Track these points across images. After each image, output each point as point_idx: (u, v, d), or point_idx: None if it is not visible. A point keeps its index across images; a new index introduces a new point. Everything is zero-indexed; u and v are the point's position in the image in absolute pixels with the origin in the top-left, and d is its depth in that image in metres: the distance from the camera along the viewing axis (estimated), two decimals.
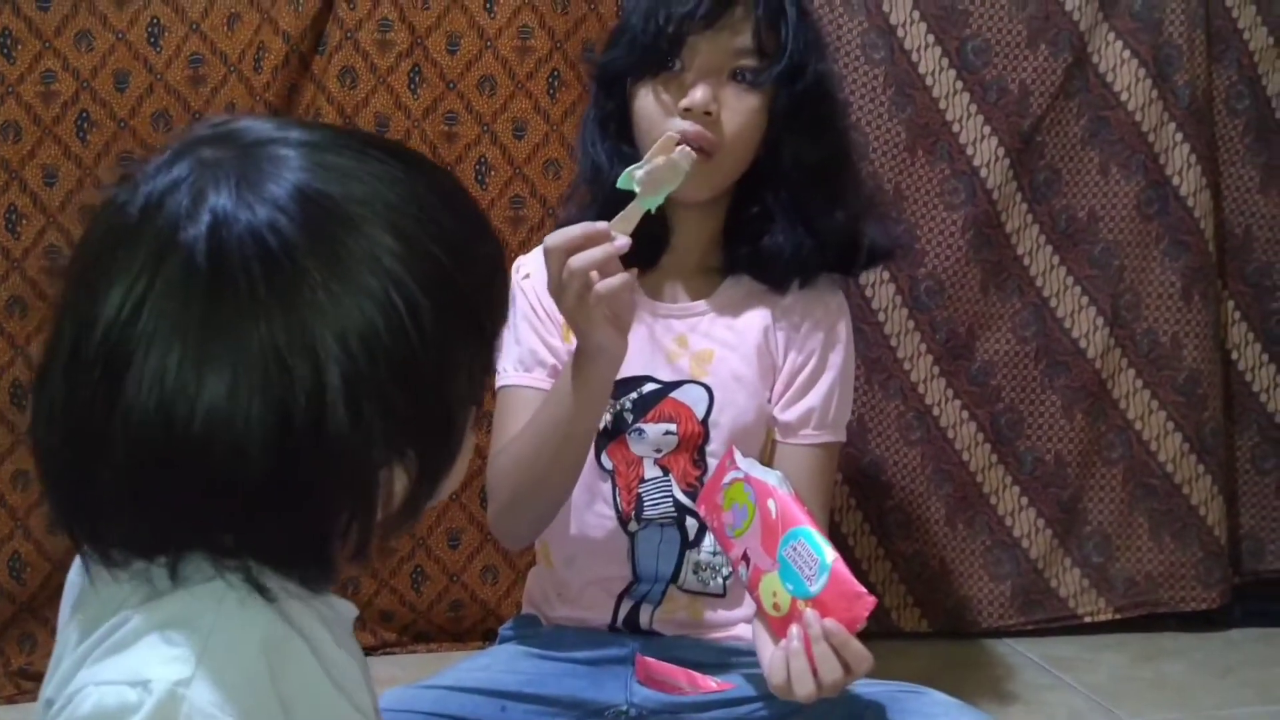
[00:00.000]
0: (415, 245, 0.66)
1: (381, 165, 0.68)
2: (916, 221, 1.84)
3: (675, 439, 1.26)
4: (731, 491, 1.12)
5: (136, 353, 0.61)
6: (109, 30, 1.70)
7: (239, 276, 0.62)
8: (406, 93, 1.77)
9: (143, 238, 0.63)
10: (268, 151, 0.66)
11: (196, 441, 0.61)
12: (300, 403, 0.62)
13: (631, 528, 1.27)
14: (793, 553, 1.04)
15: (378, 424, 0.64)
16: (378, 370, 0.63)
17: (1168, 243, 1.86)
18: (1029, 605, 1.90)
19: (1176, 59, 1.83)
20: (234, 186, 0.64)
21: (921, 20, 1.81)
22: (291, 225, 0.63)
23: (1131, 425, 1.89)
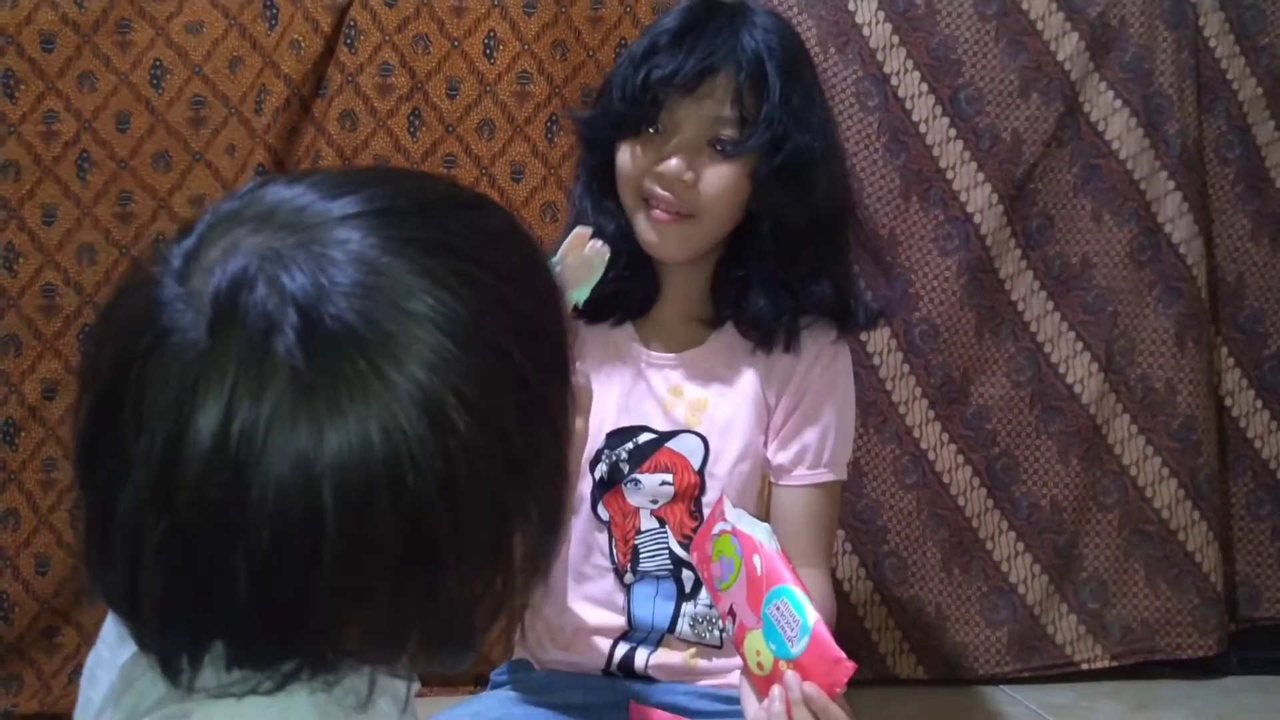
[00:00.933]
0: (507, 301, 0.61)
1: (470, 214, 0.64)
2: (911, 267, 1.85)
3: (672, 489, 1.25)
4: (720, 544, 1.11)
5: (254, 477, 0.55)
6: (112, 72, 1.72)
7: (345, 371, 0.56)
8: (406, 136, 1.79)
9: (228, 355, 0.56)
10: (330, 235, 0.59)
11: (329, 551, 0.55)
12: (425, 484, 0.56)
13: (627, 579, 1.26)
14: (776, 612, 1.04)
15: (513, 500, 0.60)
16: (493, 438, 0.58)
17: (1161, 289, 1.87)
18: (1025, 652, 1.89)
19: (1167, 109, 1.85)
20: (308, 274, 0.57)
21: (915, 69, 1.83)
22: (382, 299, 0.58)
23: (1126, 471, 1.89)
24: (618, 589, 1.27)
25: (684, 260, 1.25)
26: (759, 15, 1.23)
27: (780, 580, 1.04)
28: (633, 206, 1.23)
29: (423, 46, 1.77)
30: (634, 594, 1.27)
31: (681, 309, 1.29)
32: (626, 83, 1.19)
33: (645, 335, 1.30)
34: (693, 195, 1.20)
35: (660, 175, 1.19)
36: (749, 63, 1.17)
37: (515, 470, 0.60)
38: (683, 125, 1.19)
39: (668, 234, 1.21)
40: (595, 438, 1.26)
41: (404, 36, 1.76)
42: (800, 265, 1.24)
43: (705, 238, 1.24)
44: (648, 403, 1.27)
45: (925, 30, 1.82)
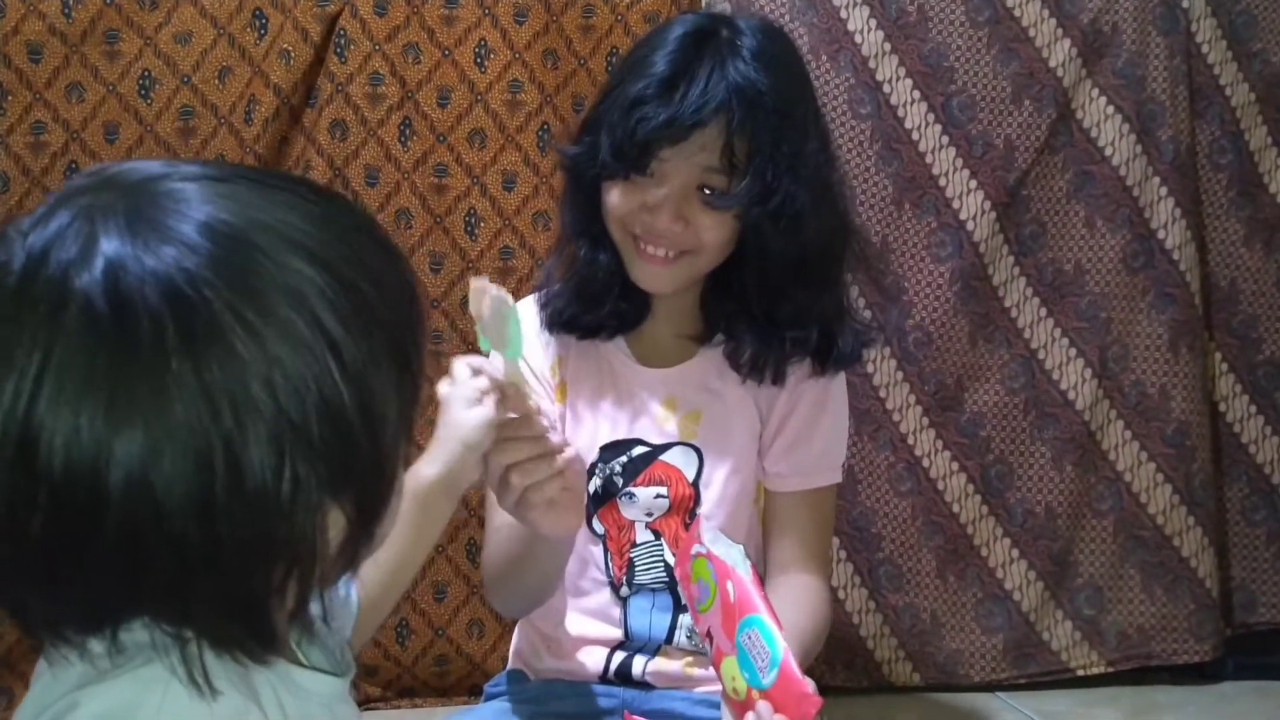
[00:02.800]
0: (334, 274, 0.61)
1: (288, 194, 0.64)
2: (904, 274, 1.84)
3: (666, 502, 1.25)
4: (697, 566, 1.11)
5: (44, 424, 0.57)
6: (100, 82, 1.71)
7: (144, 325, 0.57)
8: (397, 145, 1.78)
9: (30, 298, 0.58)
10: (161, 187, 0.61)
11: (115, 508, 0.57)
12: (222, 456, 0.57)
13: (623, 593, 1.26)
14: (748, 640, 1.04)
15: (306, 471, 0.59)
16: (304, 413, 0.59)
17: (1154, 295, 1.87)
18: (1021, 659, 1.88)
19: (1160, 115, 1.85)
20: (125, 227, 0.59)
21: (907, 76, 1.83)
22: (200, 262, 0.59)
23: (1121, 477, 1.89)
24: (614, 602, 1.26)
25: (677, 292, 1.26)
26: (749, 41, 1.18)
27: (751, 610, 1.04)
28: (623, 243, 1.22)
29: (413, 55, 1.77)
30: (630, 607, 1.26)
31: (673, 326, 1.29)
32: (616, 130, 1.16)
33: (637, 351, 1.29)
34: (688, 237, 1.19)
35: (651, 225, 1.18)
36: (739, 108, 1.14)
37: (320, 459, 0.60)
38: (671, 174, 1.17)
39: (661, 275, 1.21)
40: (589, 452, 1.26)
41: (394, 45, 1.76)
42: (788, 303, 1.23)
43: (699, 271, 1.23)
44: (641, 417, 1.27)
45: (917, 38, 1.82)
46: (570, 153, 1.24)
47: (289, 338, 0.59)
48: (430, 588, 1.82)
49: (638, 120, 1.14)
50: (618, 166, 1.17)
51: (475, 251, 1.81)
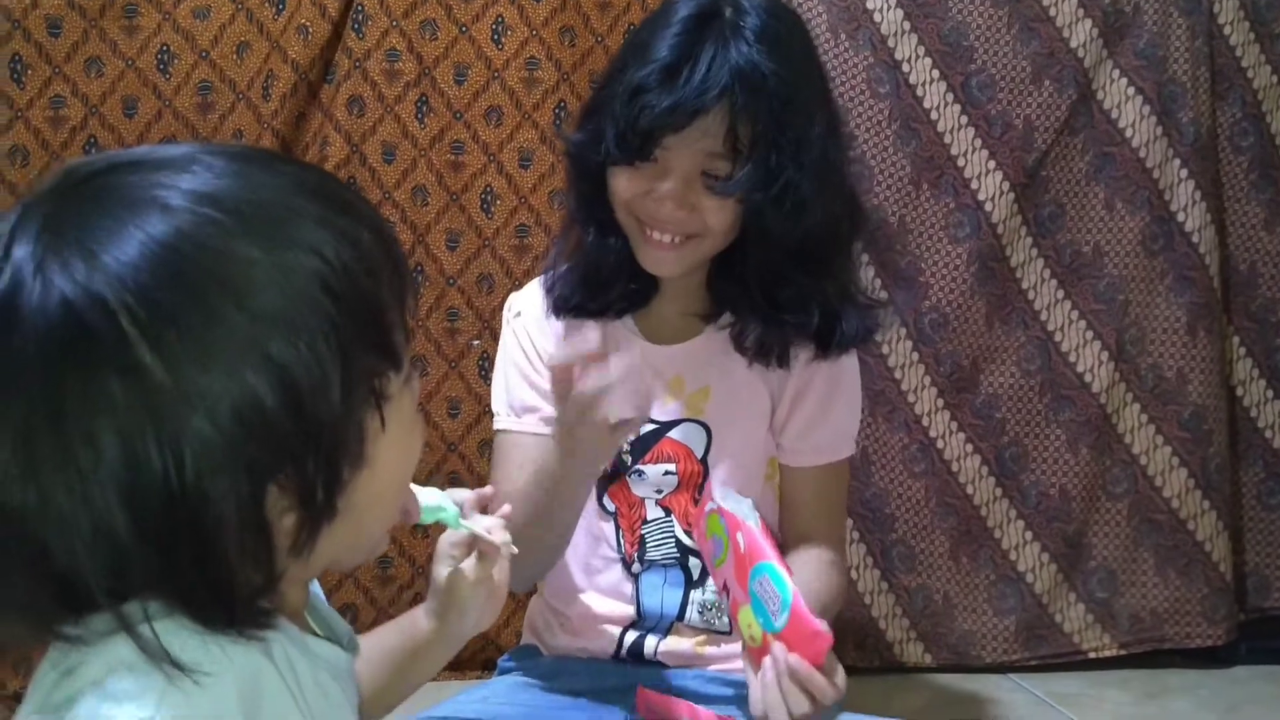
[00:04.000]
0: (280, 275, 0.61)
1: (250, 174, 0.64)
2: (921, 254, 1.84)
3: (675, 479, 1.26)
4: (710, 522, 1.13)
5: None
6: (119, 57, 1.71)
7: (38, 360, 0.58)
8: (414, 122, 1.78)
9: None
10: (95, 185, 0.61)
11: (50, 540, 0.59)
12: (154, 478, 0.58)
13: (635, 569, 1.27)
14: (760, 587, 1.06)
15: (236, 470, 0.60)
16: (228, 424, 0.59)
17: (1173, 278, 1.86)
18: (1033, 640, 1.88)
19: (1181, 96, 1.84)
20: (40, 238, 0.59)
21: (927, 55, 1.81)
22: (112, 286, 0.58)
23: (1136, 460, 1.89)
24: (626, 578, 1.27)
25: (685, 274, 1.26)
26: (753, 21, 1.15)
27: (761, 556, 1.07)
28: (630, 228, 1.23)
29: (430, 32, 1.76)
30: (642, 583, 1.27)
31: (680, 304, 1.29)
32: (619, 119, 1.15)
33: (644, 328, 1.30)
34: (693, 222, 1.19)
35: (656, 213, 1.19)
36: (742, 92, 1.13)
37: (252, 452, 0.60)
38: (675, 161, 1.16)
39: (668, 259, 1.22)
40: None
41: (411, 22, 1.75)
42: (789, 286, 1.22)
43: (705, 254, 1.24)
44: (649, 394, 1.24)
45: (937, 16, 1.81)
46: (575, 139, 1.24)
47: (208, 352, 0.59)
48: None
49: (640, 109, 1.13)
50: (621, 154, 1.17)
51: (491, 229, 1.81)
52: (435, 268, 1.81)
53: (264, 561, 0.63)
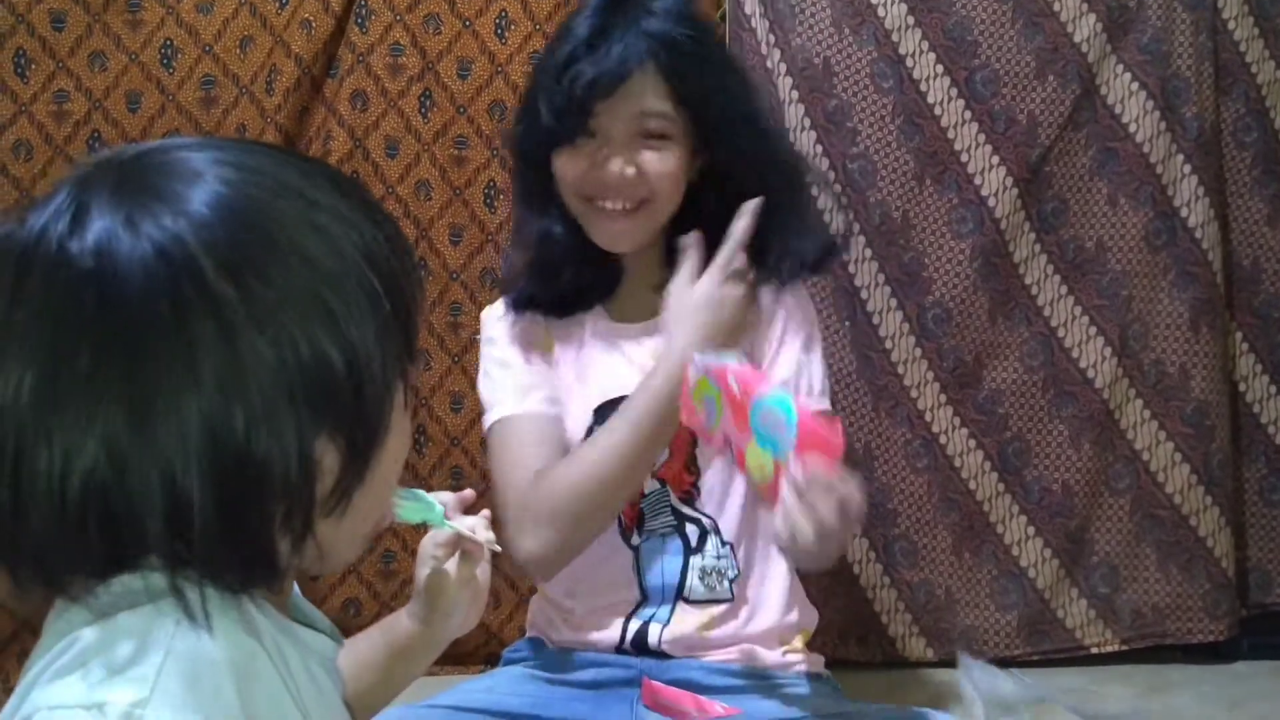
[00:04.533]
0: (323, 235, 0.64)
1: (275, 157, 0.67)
2: (924, 250, 1.84)
3: (667, 450, 1.28)
4: (699, 390, 1.14)
5: (56, 399, 0.60)
6: (122, 51, 1.71)
7: (138, 291, 0.60)
8: (417, 116, 1.78)
9: (29, 276, 0.61)
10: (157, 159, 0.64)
11: (126, 493, 0.60)
12: (225, 408, 0.60)
13: (634, 541, 1.29)
14: (762, 420, 1.06)
15: (301, 415, 0.62)
16: (297, 366, 0.62)
17: (1176, 274, 1.86)
18: (1035, 635, 1.89)
19: (1185, 91, 1.83)
20: (113, 197, 0.62)
21: (930, 50, 1.81)
22: (191, 227, 0.61)
23: (1139, 456, 1.89)
24: (625, 550, 1.29)
25: (640, 248, 1.30)
26: (660, 3, 1.26)
27: (758, 389, 1.07)
28: (581, 211, 1.28)
29: (434, 26, 1.76)
30: (642, 554, 1.29)
31: (645, 281, 1.33)
32: (551, 97, 1.24)
33: (616, 313, 1.34)
34: (640, 185, 1.25)
35: (602, 179, 1.24)
36: (660, 52, 1.23)
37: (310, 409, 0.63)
38: (611, 127, 1.24)
39: (622, 232, 1.27)
40: (584, 415, 1.30)
41: (415, 16, 1.75)
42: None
43: (657, 221, 1.28)
44: (629, 374, 1.29)
45: (941, 11, 1.81)
46: (516, 134, 1.31)
47: (283, 299, 0.62)
48: None
49: (570, 81, 1.22)
50: (560, 129, 1.24)
51: (494, 224, 1.81)
52: (438, 262, 1.81)
53: (303, 516, 0.64)
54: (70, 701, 0.59)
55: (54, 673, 0.61)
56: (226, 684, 0.61)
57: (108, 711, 0.58)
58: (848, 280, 1.84)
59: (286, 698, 0.66)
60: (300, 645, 0.69)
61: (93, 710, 0.58)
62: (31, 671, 0.63)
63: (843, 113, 1.82)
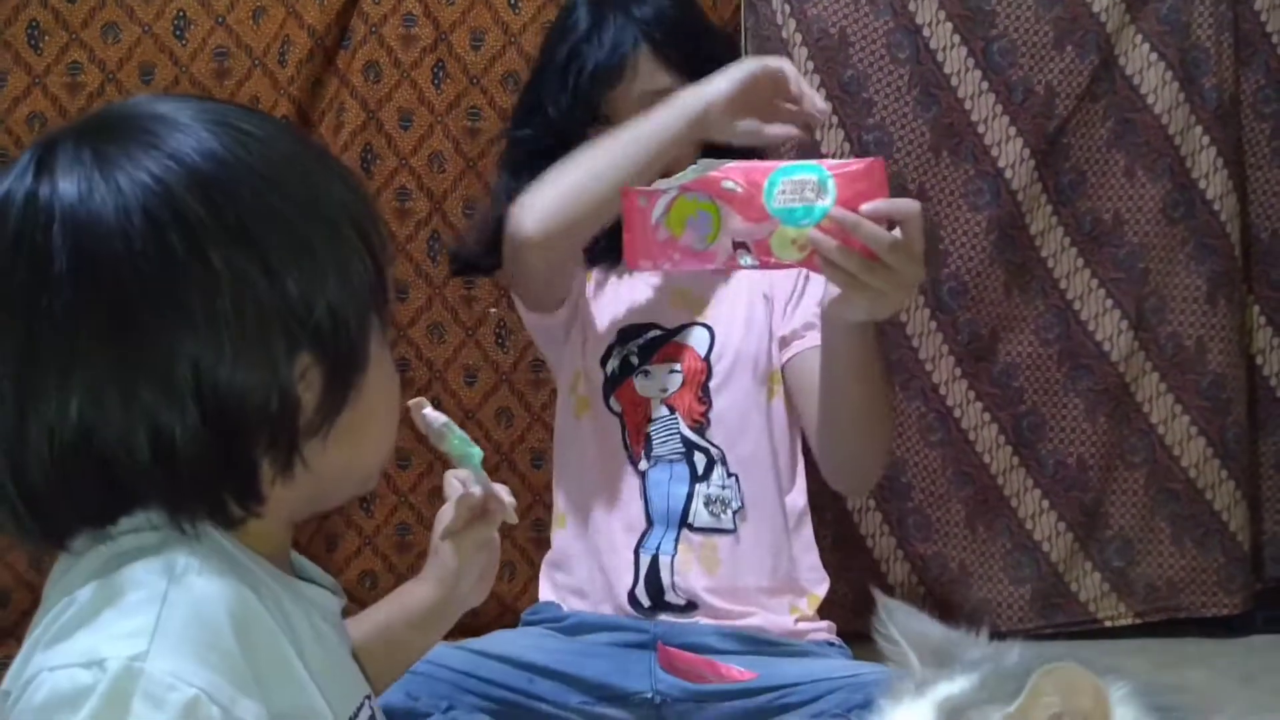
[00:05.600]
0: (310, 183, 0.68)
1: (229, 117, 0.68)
2: (940, 222, 1.83)
3: (680, 377, 1.32)
4: (674, 213, 1.08)
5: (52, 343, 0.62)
6: (135, 23, 1.71)
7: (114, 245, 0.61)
8: (430, 87, 1.77)
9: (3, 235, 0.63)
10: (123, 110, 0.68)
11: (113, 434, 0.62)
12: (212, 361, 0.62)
13: (642, 466, 1.32)
14: (784, 196, 1.03)
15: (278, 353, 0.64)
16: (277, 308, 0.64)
17: (1193, 246, 1.85)
18: (1049, 609, 1.89)
19: (1204, 62, 1.82)
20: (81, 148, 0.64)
21: (947, 20, 1.80)
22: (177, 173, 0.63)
23: (1154, 429, 1.88)
24: (634, 476, 1.32)
25: None
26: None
27: (769, 169, 1.04)
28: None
29: None
30: (649, 479, 1.32)
31: None
32: (559, 95, 1.29)
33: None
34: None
35: None
36: (654, 33, 1.28)
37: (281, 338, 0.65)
38: (623, 109, 1.28)
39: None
40: (607, 335, 1.34)
41: None
42: None
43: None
44: (657, 305, 1.35)
45: None
46: (528, 134, 1.34)
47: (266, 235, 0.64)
48: None
49: (576, 73, 1.28)
50: (573, 121, 1.29)
51: None
52: (452, 234, 1.80)
53: (286, 442, 0.66)
54: (71, 660, 0.59)
55: (54, 634, 0.62)
56: (225, 633, 0.62)
57: (108, 666, 0.58)
58: None
59: (287, 648, 0.66)
60: (302, 600, 0.70)
61: (93, 667, 0.59)
62: (33, 635, 0.64)
63: (859, 83, 1.80)
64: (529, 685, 1.24)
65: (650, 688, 1.26)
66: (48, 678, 0.59)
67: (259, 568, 0.67)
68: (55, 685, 0.59)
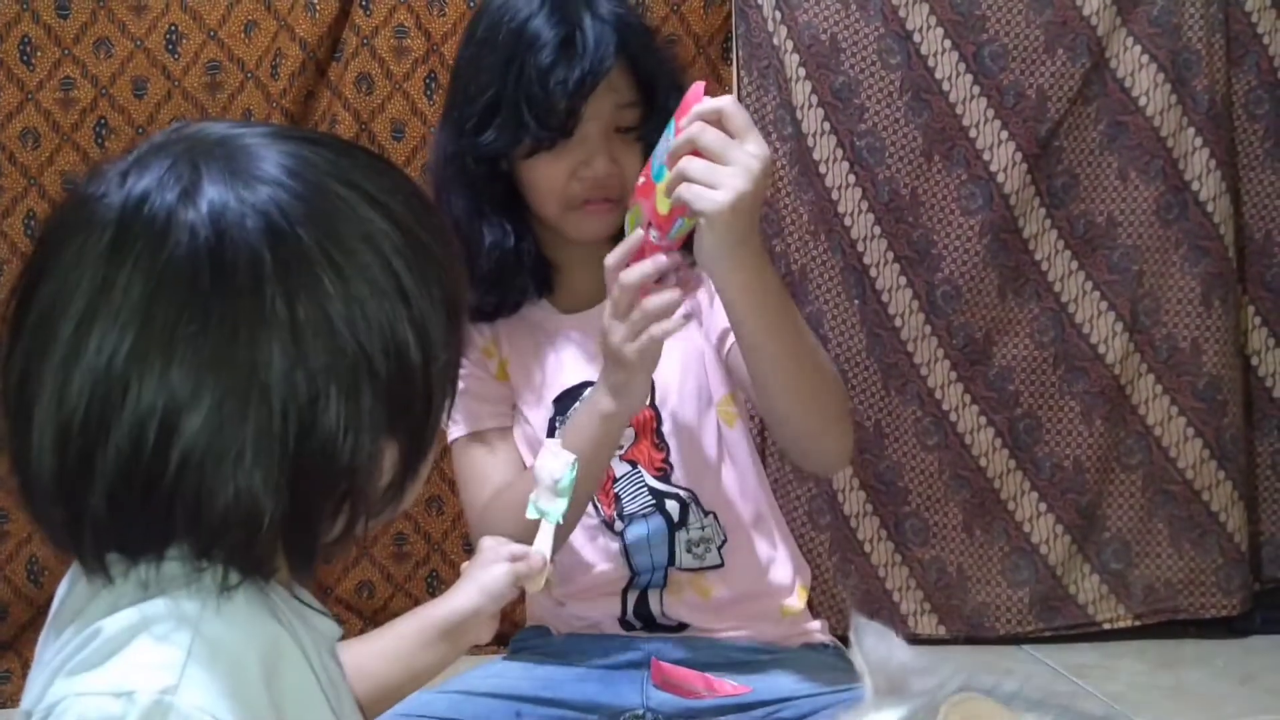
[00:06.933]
0: (401, 226, 0.66)
1: (350, 152, 0.69)
2: (933, 227, 1.83)
3: (632, 431, 1.27)
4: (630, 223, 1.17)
5: (141, 358, 0.60)
6: (128, 37, 1.71)
7: (244, 259, 0.61)
8: (422, 99, 1.77)
9: (130, 237, 0.62)
10: (242, 141, 0.66)
11: (187, 463, 0.60)
12: (305, 389, 0.61)
13: (618, 527, 1.28)
14: (657, 161, 1.10)
15: (373, 406, 0.63)
16: (377, 352, 0.63)
17: (1187, 248, 1.85)
18: (1047, 612, 1.89)
19: (1195, 64, 1.82)
20: (224, 171, 0.63)
21: (938, 25, 1.80)
22: (292, 203, 0.63)
23: (1151, 431, 1.88)
24: (612, 539, 1.28)
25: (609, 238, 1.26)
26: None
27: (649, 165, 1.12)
28: (560, 211, 1.25)
29: (438, 7, 1.76)
30: (628, 539, 1.28)
31: (589, 269, 1.27)
32: (536, 105, 1.20)
33: (561, 304, 1.32)
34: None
35: (591, 178, 1.23)
36: (629, 41, 1.23)
37: (386, 392, 0.64)
38: (592, 124, 1.23)
39: (604, 222, 1.25)
40: (545, 408, 1.29)
41: None
42: None
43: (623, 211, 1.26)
44: (583, 361, 1.29)
45: None
46: (486, 142, 1.23)
47: (368, 281, 0.63)
48: (460, 540, 1.84)
49: (554, 86, 1.19)
50: (548, 135, 1.21)
51: None
52: None
53: (356, 510, 0.65)
54: (100, 689, 0.59)
55: (78, 664, 0.61)
56: (253, 669, 0.62)
57: (137, 699, 0.58)
58: (856, 258, 1.83)
59: (313, 681, 0.66)
60: (311, 630, 0.70)
61: (122, 697, 0.58)
62: (51, 660, 0.63)
63: (850, 89, 1.81)
64: (516, 719, 1.21)
65: (641, 705, 1.24)
66: (75, 703, 0.59)
67: (279, 597, 0.67)
68: (83, 713, 0.58)
